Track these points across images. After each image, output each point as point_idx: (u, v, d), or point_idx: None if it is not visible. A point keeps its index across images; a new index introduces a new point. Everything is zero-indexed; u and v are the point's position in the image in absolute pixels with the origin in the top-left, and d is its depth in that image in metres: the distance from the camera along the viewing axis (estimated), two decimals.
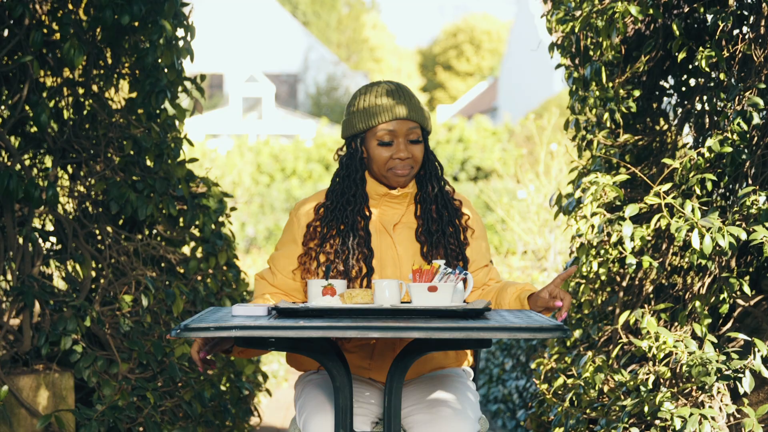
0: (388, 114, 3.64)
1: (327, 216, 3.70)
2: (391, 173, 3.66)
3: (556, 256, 9.20)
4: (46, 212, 5.09)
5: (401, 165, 3.65)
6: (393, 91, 3.69)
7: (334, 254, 3.65)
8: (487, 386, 8.18)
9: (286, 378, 9.90)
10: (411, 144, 3.66)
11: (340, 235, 3.65)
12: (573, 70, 4.74)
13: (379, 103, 3.66)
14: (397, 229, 3.70)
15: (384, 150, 3.65)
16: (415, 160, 3.67)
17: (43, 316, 4.77)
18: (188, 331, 3.00)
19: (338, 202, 3.71)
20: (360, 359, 3.66)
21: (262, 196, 22.68)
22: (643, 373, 4.10)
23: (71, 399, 4.76)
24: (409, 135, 3.66)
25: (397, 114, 3.64)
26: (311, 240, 3.70)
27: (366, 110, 3.68)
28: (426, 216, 3.70)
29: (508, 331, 3.00)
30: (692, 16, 4.52)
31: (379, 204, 3.71)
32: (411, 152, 3.65)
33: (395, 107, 3.65)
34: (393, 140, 3.64)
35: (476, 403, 3.64)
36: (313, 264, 3.66)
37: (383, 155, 3.65)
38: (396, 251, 3.66)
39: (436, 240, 3.67)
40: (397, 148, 3.64)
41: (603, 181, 4.25)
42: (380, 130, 3.64)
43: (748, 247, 4.16)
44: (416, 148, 3.67)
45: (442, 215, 3.71)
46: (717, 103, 4.30)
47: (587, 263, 4.48)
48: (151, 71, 5.11)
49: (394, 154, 3.64)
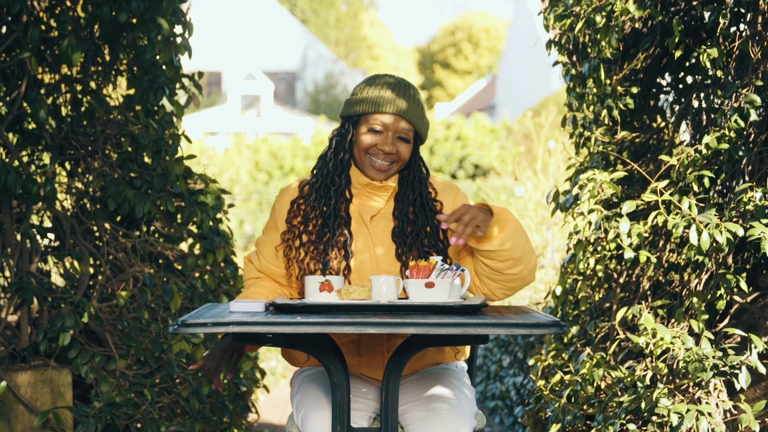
0: (387, 106, 3.65)
1: (311, 194, 3.73)
2: (369, 159, 3.67)
3: (553, 254, 9.20)
4: (44, 209, 5.09)
5: (382, 156, 3.66)
6: (399, 88, 3.70)
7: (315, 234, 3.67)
8: (485, 383, 8.19)
9: (284, 375, 9.90)
10: (399, 141, 3.67)
11: (322, 216, 3.68)
12: (570, 67, 4.74)
13: (381, 94, 3.68)
14: (374, 221, 3.71)
15: (371, 137, 3.66)
16: (400, 157, 3.67)
17: (41, 312, 4.77)
18: (186, 327, 3.00)
19: (323, 181, 3.73)
20: (350, 357, 3.66)
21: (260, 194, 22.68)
22: (640, 369, 4.11)
23: (69, 395, 4.76)
24: (400, 132, 3.67)
25: (395, 109, 3.65)
26: (294, 218, 3.73)
27: (368, 97, 3.69)
28: (402, 217, 3.70)
29: (504, 327, 3.01)
30: (689, 14, 4.53)
31: (360, 193, 3.72)
32: (397, 148, 3.67)
33: (396, 102, 3.66)
34: (383, 131, 3.66)
35: (472, 399, 3.64)
36: (296, 242, 3.69)
37: (368, 141, 3.66)
38: (371, 241, 3.67)
39: (410, 242, 3.67)
40: (384, 139, 3.66)
41: (600, 177, 4.25)
42: (374, 119, 3.66)
43: (745, 243, 4.17)
44: (403, 146, 3.68)
45: (418, 217, 3.71)
46: (714, 101, 4.30)
47: (584, 260, 4.48)
48: (149, 68, 5.11)
49: (379, 144, 3.65)
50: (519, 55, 37.08)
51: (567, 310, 4.83)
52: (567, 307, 4.83)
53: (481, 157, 24.84)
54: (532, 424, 4.89)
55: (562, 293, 4.86)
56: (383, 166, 3.67)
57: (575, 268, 4.66)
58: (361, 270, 3.64)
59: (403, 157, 3.68)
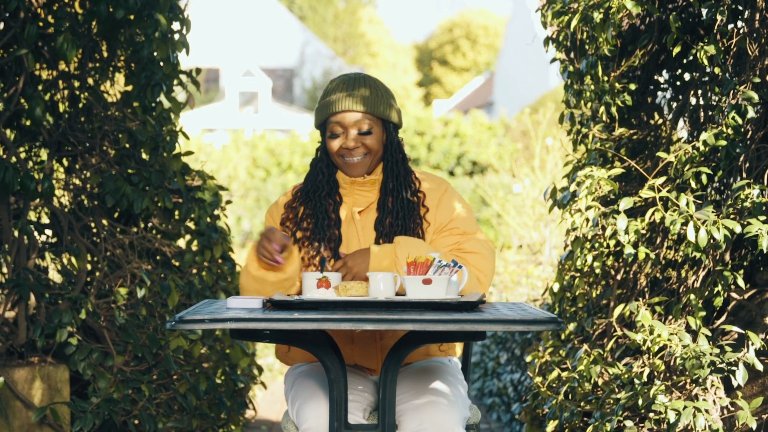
0: (335, 106, 3.73)
1: (303, 197, 3.81)
2: (342, 162, 3.76)
3: (551, 250, 9.21)
4: (41, 205, 5.09)
5: (350, 153, 3.73)
6: (346, 84, 3.77)
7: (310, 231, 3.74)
8: (482, 380, 8.20)
9: (281, 371, 9.90)
10: (360, 135, 3.73)
11: (313, 216, 3.75)
12: (568, 64, 4.74)
13: (330, 98, 3.76)
14: (362, 215, 3.77)
15: (333, 141, 3.75)
16: (367, 147, 3.74)
17: (39, 308, 4.77)
18: (183, 323, 3.01)
19: (311, 187, 3.81)
20: (343, 345, 3.69)
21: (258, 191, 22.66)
22: (637, 366, 4.11)
23: (66, 391, 4.76)
24: (358, 126, 3.73)
25: (342, 106, 3.72)
26: (288, 220, 3.80)
27: (321, 104, 3.78)
28: (383, 207, 3.75)
29: (501, 324, 3.01)
30: (687, 11, 4.53)
31: (350, 192, 3.79)
32: (361, 142, 3.73)
33: (342, 100, 3.73)
34: (342, 131, 3.73)
35: (465, 394, 3.66)
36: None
37: (333, 145, 3.75)
38: (359, 235, 3.72)
39: (389, 231, 3.70)
40: (345, 138, 3.73)
41: (598, 174, 4.25)
42: (330, 122, 3.75)
43: (742, 240, 4.17)
44: (367, 137, 3.73)
45: (397, 207, 3.74)
46: (712, 98, 4.30)
47: (582, 256, 4.49)
48: (147, 64, 5.11)
49: (343, 144, 3.73)
50: (517, 52, 37.07)
51: (564, 306, 4.84)
52: (564, 304, 4.84)
53: (479, 154, 24.83)
54: (530, 420, 4.89)
55: (560, 290, 4.86)
56: (354, 162, 3.75)
57: (573, 265, 4.66)
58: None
59: (372, 147, 3.75)
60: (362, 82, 3.77)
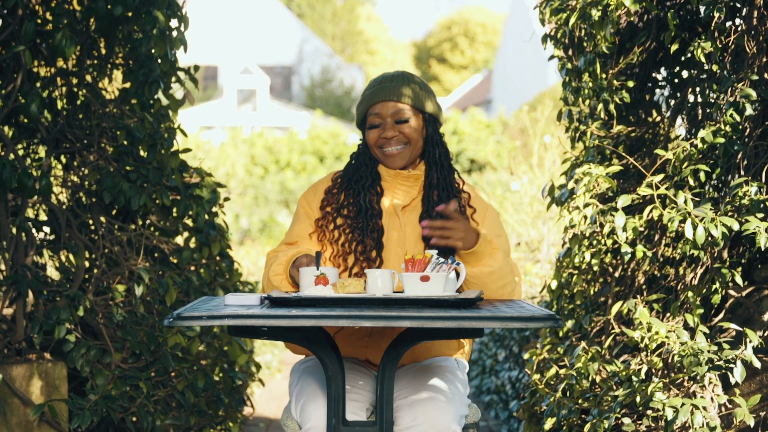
0: (374, 98, 3.78)
1: (344, 184, 3.83)
2: (381, 153, 3.79)
3: (549, 248, 9.21)
4: (39, 202, 5.09)
5: (389, 143, 3.76)
6: (387, 78, 3.82)
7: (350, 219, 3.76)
8: (480, 377, 8.20)
9: (280, 369, 9.91)
10: (398, 124, 3.76)
11: (355, 205, 3.77)
12: (566, 61, 4.74)
13: (370, 92, 3.81)
14: (405, 212, 3.78)
15: (373, 132, 3.79)
16: (406, 136, 3.76)
17: (37, 305, 4.77)
18: (181, 320, 3.01)
19: (353, 176, 3.83)
20: (358, 338, 3.70)
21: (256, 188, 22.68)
22: (635, 363, 4.11)
23: (64, 388, 4.76)
24: (395, 116, 3.76)
25: (381, 97, 3.77)
26: (328, 205, 3.81)
27: (361, 100, 3.84)
28: (428, 201, 3.76)
29: (499, 321, 3.01)
30: (685, 8, 4.53)
31: (392, 185, 3.81)
32: (399, 130, 3.76)
33: (382, 91, 3.78)
34: (380, 122, 3.78)
35: (464, 393, 3.66)
36: (330, 225, 3.78)
37: (371, 137, 3.79)
38: (402, 232, 3.72)
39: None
40: (384, 128, 3.76)
41: (596, 171, 4.25)
42: (369, 115, 3.80)
43: (740, 237, 4.17)
44: (405, 126, 3.76)
45: (441, 199, 3.76)
46: (710, 95, 4.30)
47: (580, 254, 4.49)
48: (145, 62, 5.10)
49: (381, 134, 3.77)
50: (515, 49, 37.06)
51: (562, 304, 4.84)
52: (562, 301, 4.84)
53: (477, 151, 24.84)
54: (528, 418, 4.89)
55: (558, 287, 4.86)
56: (393, 152, 3.78)
57: (571, 262, 4.66)
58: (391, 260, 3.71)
59: (411, 136, 3.78)
60: (400, 76, 3.83)
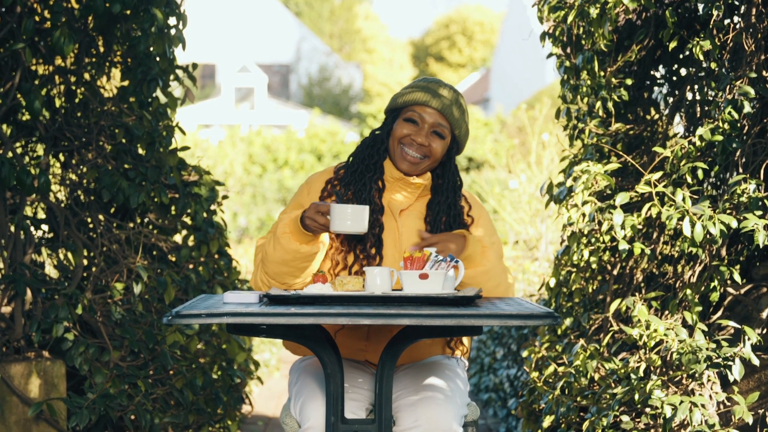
0: (428, 101, 3.72)
1: (346, 177, 3.78)
2: (401, 150, 3.72)
3: (547, 246, 9.21)
4: (37, 200, 5.09)
5: (414, 147, 3.71)
6: (447, 89, 3.78)
7: None
8: (479, 375, 8.20)
9: (278, 367, 9.91)
10: (433, 135, 3.71)
11: (357, 198, 3.72)
12: (565, 59, 4.74)
13: (426, 91, 3.74)
14: (403, 215, 3.75)
15: (406, 126, 3.72)
16: (431, 151, 3.71)
17: (35, 303, 4.77)
18: (180, 318, 3.01)
19: (359, 167, 3.78)
20: (356, 340, 3.68)
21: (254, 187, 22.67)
22: (633, 361, 4.11)
23: (63, 387, 4.76)
24: (436, 127, 3.71)
25: (435, 104, 3.71)
26: (329, 196, 3.77)
27: (414, 92, 3.75)
28: (435, 224, 3.74)
29: (498, 318, 3.01)
30: (683, 6, 4.53)
31: (392, 188, 3.77)
32: (430, 142, 3.70)
33: (438, 99, 3.72)
34: (419, 123, 3.71)
35: (465, 391, 3.66)
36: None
37: (403, 130, 3.72)
38: (398, 234, 3.70)
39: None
40: (419, 131, 3.71)
41: (594, 169, 4.25)
42: (412, 109, 3.73)
43: (738, 235, 4.18)
44: (437, 142, 3.72)
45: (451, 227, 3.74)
46: (708, 93, 4.30)
47: (578, 252, 4.49)
48: (143, 60, 5.10)
49: (413, 135, 3.71)
50: (513, 48, 37.06)
51: (561, 301, 4.84)
52: (561, 299, 4.84)
53: (475, 150, 24.83)
54: (526, 416, 4.89)
55: (556, 285, 4.86)
56: (414, 158, 3.71)
57: (569, 260, 4.66)
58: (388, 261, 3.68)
59: (435, 154, 3.72)
60: (457, 94, 3.79)
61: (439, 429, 3.41)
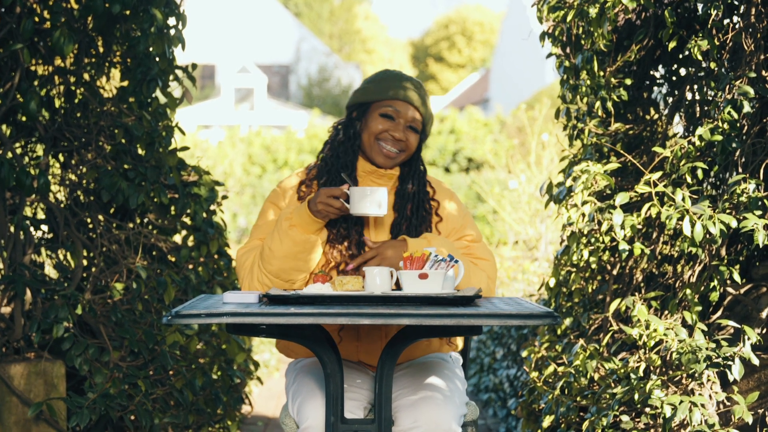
0: (402, 95, 3.73)
1: (321, 176, 3.78)
2: (378, 145, 3.73)
3: (547, 246, 9.21)
4: (37, 200, 5.09)
5: (391, 142, 3.72)
6: (413, 82, 3.79)
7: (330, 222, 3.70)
8: (479, 375, 8.20)
9: (278, 367, 9.91)
10: (409, 130, 3.72)
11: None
12: (564, 59, 4.74)
13: (397, 84, 3.75)
14: None
15: (382, 122, 3.72)
16: (408, 146, 3.74)
17: (35, 304, 4.77)
18: (179, 318, 3.01)
19: (333, 165, 3.77)
20: (348, 342, 3.68)
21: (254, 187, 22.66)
22: (633, 361, 4.11)
23: (63, 387, 4.76)
24: (411, 122, 3.73)
25: (409, 98, 3.73)
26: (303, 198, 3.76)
27: (384, 84, 3.76)
28: (402, 211, 3.74)
29: (498, 318, 3.01)
30: (683, 5, 4.53)
31: (363, 181, 3.77)
32: (407, 137, 3.72)
33: (410, 92, 3.74)
34: (395, 118, 3.72)
35: (463, 390, 3.66)
36: None
37: (379, 126, 3.72)
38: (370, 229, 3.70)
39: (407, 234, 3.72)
40: (396, 126, 3.72)
41: (594, 169, 4.25)
42: (388, 105, 3.73)
43: (738, 235, 4.18)
44: (412, 136, 3.74)
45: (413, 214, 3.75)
46: (707, 93, 4.30)
47: (578, 252, 4.49)
48: (143, 60, 5.10)
49: (391, 130, 3.71)
50: (512, 48, 37.06)
51: (560, 301, 4.84)
52: (560, 299, 4.84)
53: (475, 150, 24.83)
54: (526, 416, 4.89)
55: (556, 285, 4.86)
56: (392, 153, 3.73)
57: (569, 260, 4.66)
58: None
59: (411, 148, 3.75)
60: (421, 86, 3.81)
61: (439, 430, 3.41)
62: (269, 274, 3.59)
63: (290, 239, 3.53)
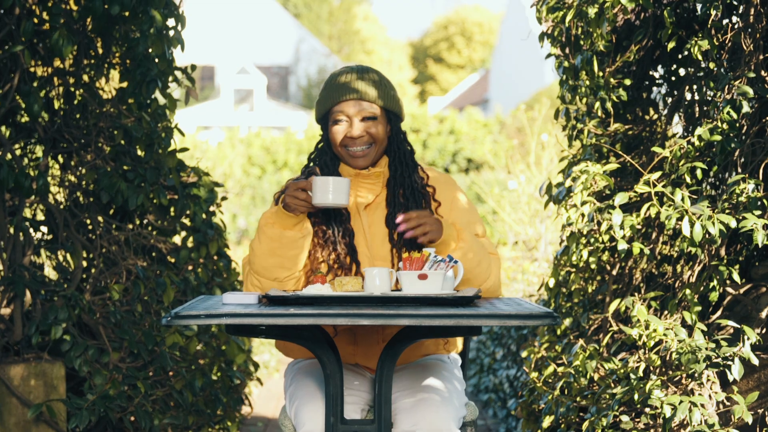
0: (340, 95, 3.69)
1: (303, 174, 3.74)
2: (346, 152, 3.71)
3: (546, 246, 9.21)
4: (36, 202, 5.09)
5: (354, 142, 3.69)
6: (352, 73, 3.73)
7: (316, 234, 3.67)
8: (478, 376, 8.20)
9: (277, 368, 9.90)
10: (366, 122, 3.68)
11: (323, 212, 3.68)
12: (563, 59, 4.74)
13: (335, 87, 3.71)
14: (368, 210, 3.72)
15: (338, 130, 3.70)
16: (372, 136, 3.69)
17: (34, 305, 4.77)
18: (179, 319, 3.01)
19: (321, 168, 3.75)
20: (345, 345, 3.67)
21: (254, 188, 22.67)
22: (633, 361, 4.11)
23: (62, 388, 4.76)
24: (363, 114, 3.68)
25: (349, 94, 3.68)
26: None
27: (326, 93, 3.73)
28: (394, 201, 3.72)
29: (497, 318, 3.01)
30: (682, 6, 4.53)
31: (354, 185, 3.73)
32: (366, 130, 3.68)
33: (348, 87, 3.69)
34: (346, 120, 3.69)
35: (462, 391, 3.65)
36: None
37: (337, 135, 3.70)
38: (365, 234, 3.68)
39: None
40: (350, 127, 3.68)
41: (593, 169, 4.25)
42: (334, 112, 3.70)
43: (737, 235, 4.18)
44: (371, 124, 3.69)
45: (408, 200, 3.72)
46: (707, 93, 4.30)
47: (577, 252, 4.49)
48: (142, 61, 5.10)
49: (348, 133, 3.68)
50: (512, 49, 37.07)
51: (560, 302, 4.84)
52: (560, 300, 4.84)
53: (474, 150, 24.84)
54: (526, 416, 4.89)
55: (555, 285, 4.86)
56: (359, 152, 3.70)
57: (568, 261, 4.66)
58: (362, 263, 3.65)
59: (377, 136, 3.70)
60: (364, 71, 3.74)
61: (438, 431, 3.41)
62: (256, 273, 3.60)
63: (266, 236, 3.54)
